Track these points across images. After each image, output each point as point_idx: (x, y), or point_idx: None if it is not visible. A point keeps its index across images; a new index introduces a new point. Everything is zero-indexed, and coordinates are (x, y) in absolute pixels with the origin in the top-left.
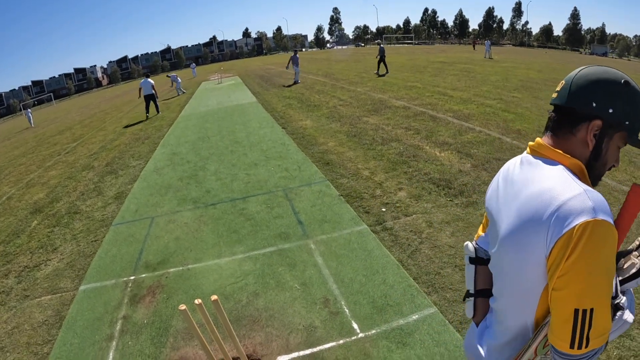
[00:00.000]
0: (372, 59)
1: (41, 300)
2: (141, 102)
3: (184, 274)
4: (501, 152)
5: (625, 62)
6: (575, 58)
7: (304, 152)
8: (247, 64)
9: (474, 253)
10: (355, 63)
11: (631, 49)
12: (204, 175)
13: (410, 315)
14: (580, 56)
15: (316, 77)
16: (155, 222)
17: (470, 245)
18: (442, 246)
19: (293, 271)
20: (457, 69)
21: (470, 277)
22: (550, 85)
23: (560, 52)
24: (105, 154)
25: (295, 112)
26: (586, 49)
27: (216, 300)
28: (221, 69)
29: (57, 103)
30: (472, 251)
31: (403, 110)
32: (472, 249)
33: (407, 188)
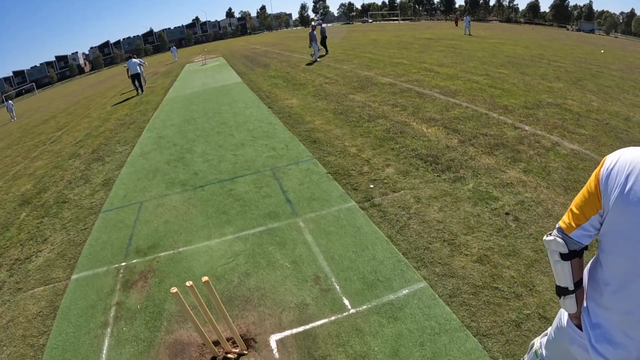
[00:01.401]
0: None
1: (34, 292)
2: (124, 88)
3: (174, 257)
4: (488, 127)
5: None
6: (563, 34)
7: (290, 131)
8: (231, 44)
9: (567, 248)
10: (341, 41)
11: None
12: (191, 157)
13: (400, 290)
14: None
15: (301, 55)
16: (144, 207)
17: (560, 240)
18: (430, 221)
19: (283, 250)
20: (444, 45)
21: (567, 274)
22: (536, 61)
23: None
24: (91, 141)
25: (281, 92)
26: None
27: (207, 281)
28: (205, 50)
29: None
30: (564, 246)
31: (389, 87)
32: (563, 243)
33: (395, 164)
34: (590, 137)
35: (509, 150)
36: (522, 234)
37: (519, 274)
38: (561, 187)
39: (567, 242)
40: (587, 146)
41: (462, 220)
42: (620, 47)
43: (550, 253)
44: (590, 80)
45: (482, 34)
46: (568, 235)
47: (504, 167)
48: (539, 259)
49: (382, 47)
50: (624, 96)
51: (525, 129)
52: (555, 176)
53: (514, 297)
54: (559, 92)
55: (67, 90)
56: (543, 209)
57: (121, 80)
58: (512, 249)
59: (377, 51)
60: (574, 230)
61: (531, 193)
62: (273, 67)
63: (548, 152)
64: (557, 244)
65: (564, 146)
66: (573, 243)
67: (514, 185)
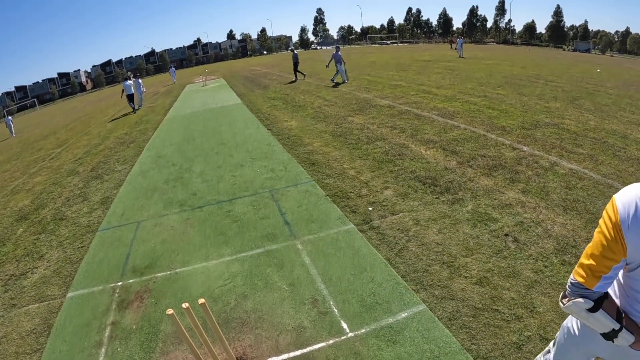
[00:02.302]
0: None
1: (29, 308)
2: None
3: (171, 278)
4: (486, 148)
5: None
6: (559, 54)
7: (289, 152)
8: (232, 65)
9: (592, 302)
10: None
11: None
12: (190, 177)
13: (399, 313)
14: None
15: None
16: (141, 226)
17: (581, 301)
18: (429, 244)
19: (281, 272)
20: (442, 67)
21: (605, 320)
22: (533, 81)
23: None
24: (90, 158)
25: (281, 113)
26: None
27: (204, 303)
28: (206, 71)
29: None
30: (589, 303)
31: (388, 109)
32: (586, 302)
33: (393, 186)
34: (588, 156)
35: (507, 171)
36: (522, 255)
37: (519, 296)
38: (560, 207)
39: (589, 297)
40: (585, 165)
41: (461, 242)
42: (616, 65)
43: (576, 314)
44: (587, 99)
45: (479, 56)
46: (590, 290)
47: (502, 188)
48: (539, 279)
49: (380, 69)
50: (620, 114)
51: (523, 149)
52: (554, 196)
53: (515, 319)
54: (556, 111)
55: (68, 106)
56: (542, 229)
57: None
58: (512, 270)
59: (376, 73)
60: (596, 283)
61: (530, 214)
62: (272, 88)
63: (546, 172)
64: (579, 305)
65: (562, 166)
66: (596, 295)
67: (513, 206)
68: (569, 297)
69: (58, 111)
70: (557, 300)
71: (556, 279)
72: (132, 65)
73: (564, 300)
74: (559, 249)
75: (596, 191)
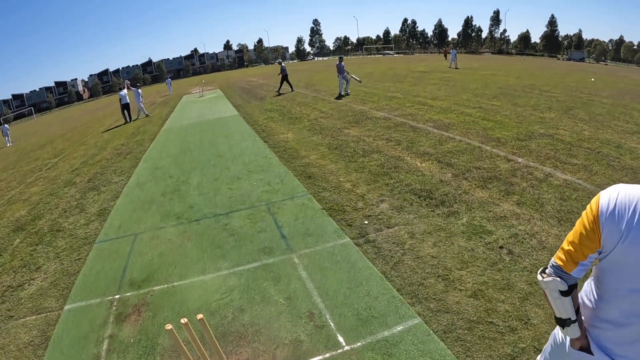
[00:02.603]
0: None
1: (26, 320)
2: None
3: (169, 291)
4: (481, 160)
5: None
6: (553, 64)
7: (286, 165)
8: (229, 76)
9: (566, 285)
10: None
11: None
12: (187, 189)
13: (394, 327)
14: (558, 62)
15: (296, 88)
16: (138, 239)
17: (559, 280)
18: (424, 257)
19: (278, 285)
20: (437, 78)
21: (569, 307)
22: (528, 92)
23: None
24: (87, 169)
25: (277, 125)
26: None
27: (202, 319)
28: (202, 81)
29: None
30: (564, 285)
31: (384, 121)
32: (563, 282)
33: (389, 200)
34: (583, 166)
35: (502, 183)
36: (517, 267)
37: (514, 308)
38: (554, 218)
39: (566, 280)
40: (579, 176)
41: (456, 255)
42: (610, 73)
43: (549, 291)
44: (582, 109)
45: (474, 66)
46: (568, 274)
47: (497, 200)
48: (533, 291)
49: (376, 81)
50: (615, 123)
51: (518, 161)
52: (548, 207)
53: (509, 331)
54: (550, 122)
55: (65, 115)
56: (537, 241)
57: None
58: (507, 282)
59: (372, 84)
60: (573, 268)
61: (525, 225)
62: (269, 100)
63: (541, 183)
64: (557, 283)
65: (556, 177)
66: (572, 279)
67: (508, 218)
68: (548, 274)
69: (55, 120)
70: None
71: None
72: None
73: (543, 275)
74: None
75: (590, 201)
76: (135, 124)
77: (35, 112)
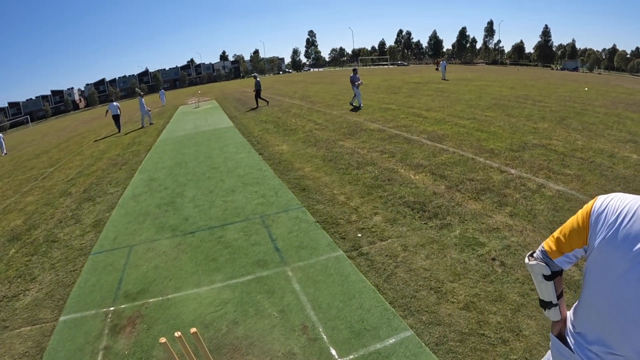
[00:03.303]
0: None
1: (21, 331)
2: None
3: (163, 304)
4: (474, 172)
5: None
6: (547, 74)
7: (280, 177)
8: (225, 87)
9: (549, 271)
10: (330, 85)
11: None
12: (182, 202)
13: (387, 339)
14: (552, 72)
15: (292, 100)
16: (133, 251)
17: (542, 264)
18: (417, 269)
19: (271, 298)
20: (432, 89)
21: (551, 291)
22: (522, 102)
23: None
24: (83, 179)
25: (272, 137)
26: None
27: (195, 332)
28: (198, 92)
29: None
30: (547, 269)
31: (378, 133)
32: (546, 267)
33: (383, 212)
34: (576, 176)
35: (495, 195)
36: (509, 279)
37: (506, 320)
38: (547, 229)
39: (550, 266)
40: (572, 186)
41: (448, 268)
42: (603, 83)
43: (534, 274)
44: (575, 119)
45: (469, 77)
46: (552, 260)
47: (490, 212)
48: (525, 303)
49: (371, 92)
50: (608, 132)
51: (511, 172)
52: (541, 218)
53: (501, 343)
54: (544, 132)
55: (61, 125)
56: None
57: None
58: (499, 294)
59: (367, 96)
60: (558, 257)
61: (517, 237)
62: (264, 111)
63: (534, 194)
64: (540, 267)
65: (549, 188)
66: (555, 266)
67: (501, 230)
68: (535, 258)
69: (51, 129)
70: (543, 322)
71: None
72: (126, 84)
73: (530, 259)
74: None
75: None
76: (131, 135)
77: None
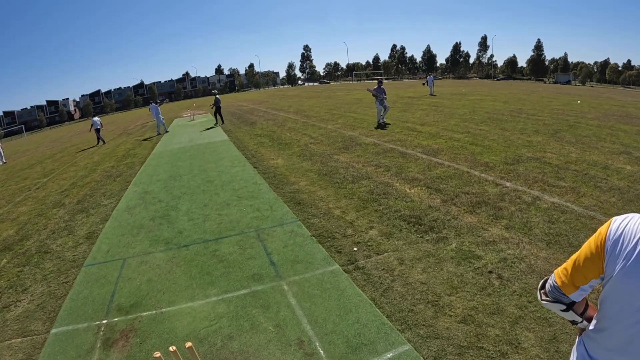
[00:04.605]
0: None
1: (12, 342)
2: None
3: (157, 318)
4: (470, 185)
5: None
6: (540, 88)
7: (275, 191)
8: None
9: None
10: (325, 99)
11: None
12: (176, 215)
13: (384, 354)
14: (545, 85)
15: (287, 114)
16: (127, 264)
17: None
18: (414, 283)
19: (267, 313)
20: (426, 104)
21: (573, 316)
22: (515, 116)
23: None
24: (77, 190)
25: (267, 151)
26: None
27: (191, 347)
28: (193, 105)
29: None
30: (563, 306)
31: (373, 147)
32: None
33: (378, 226)
34: (570, 188)
35: (490, 208)
36: (506, 291)
37: (504, 332)
38: (543, 241)
39: (564, 302)
40: (567, 198)
41: (445, 281)
42: (595, 95)
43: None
44: (568, 132)
45: (462, 91)
46: (567, 296)
47: (486, 225)
48: (523, 315)
49: (366, 107)
50: (601, 144)
51: (506, 185)
52: (537, 231)
53: (500, 356)
54: (538, 145)
55: (55, 135)
56: (526, 264)
57: (110, 131)
58: (496, 307)
59: (361, 110)
60: (573, 292)
61: (514, 250)
62: (259, 125)
63: (529, 207)
64: (555, 307)
65: (544, 200)
66: (570, 300)
67: (497, 243)
68: (548, 295)
69: (45, 140)
70: (542, 335)
71: (540, 314)
72: (122, 96)
73: (542, 296)
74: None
75: (579, 224)
76: (125, 146)
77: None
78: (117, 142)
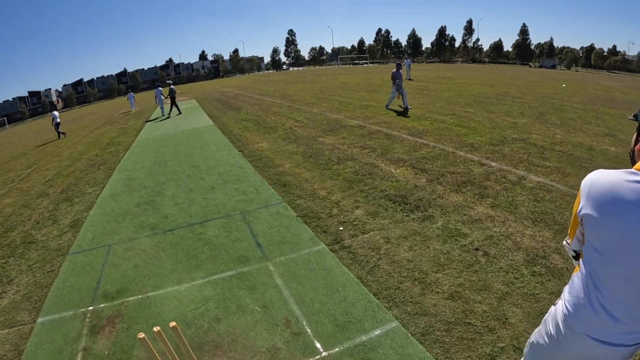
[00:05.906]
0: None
1: None
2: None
3: (143, 302)
4: (455, 165)
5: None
6: (525, 72)
7: (261, 174)
8: (204, 86)
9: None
10: (311, 84)
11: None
12: (162, 200)
13: (372, 331)
14: (530, 70)
15: (272, 99)
16: (112, 250)
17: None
18: (400, 261)
19: (253, 294)
20: (412, 87)
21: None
22: (501, 99)
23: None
24: (61, 180)
25: (252, 135)
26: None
27: (175, 327)
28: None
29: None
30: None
31: (358, 129)
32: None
33: (364, 206)
34: (555, 168)
35: (476, 187)
36: (492, 268)
37: (491, 308)
38: (529, 219)
39: (573, 249)
40: (552, 178)
41: (432, 259)
42: (581, 80)
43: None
44: (554, 114)
45: (448, 75)
46: (570, 245)
47: (472, 204)
48: (510, 291)
49: (351, 90)
50: (586, 127)
51: (491, 165)
52: (522, 209)
53: (487, 331)
54: (523, 127)
55: (39, 127)
56: (512, 242)
57: (94, 120)
58: (483, 283)
59: (347, 94)
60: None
61: (499, 227)
62: (244, 110)
63: (514, 186)
64: (568, 249)
65: (529, 179)
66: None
67: (483, 221)
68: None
69: (28, 131)
70: (529, 310)
71: (527, 290)
72: (104, 85)
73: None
74: (529, 261)
75: (564, 202)
76: (109, 135)
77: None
78: (102, 131)
